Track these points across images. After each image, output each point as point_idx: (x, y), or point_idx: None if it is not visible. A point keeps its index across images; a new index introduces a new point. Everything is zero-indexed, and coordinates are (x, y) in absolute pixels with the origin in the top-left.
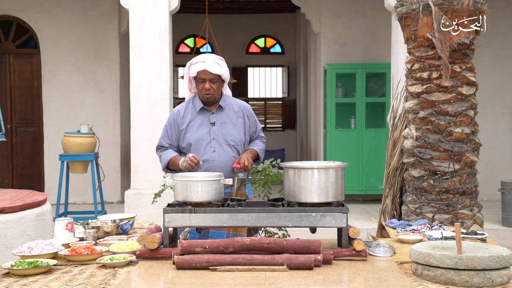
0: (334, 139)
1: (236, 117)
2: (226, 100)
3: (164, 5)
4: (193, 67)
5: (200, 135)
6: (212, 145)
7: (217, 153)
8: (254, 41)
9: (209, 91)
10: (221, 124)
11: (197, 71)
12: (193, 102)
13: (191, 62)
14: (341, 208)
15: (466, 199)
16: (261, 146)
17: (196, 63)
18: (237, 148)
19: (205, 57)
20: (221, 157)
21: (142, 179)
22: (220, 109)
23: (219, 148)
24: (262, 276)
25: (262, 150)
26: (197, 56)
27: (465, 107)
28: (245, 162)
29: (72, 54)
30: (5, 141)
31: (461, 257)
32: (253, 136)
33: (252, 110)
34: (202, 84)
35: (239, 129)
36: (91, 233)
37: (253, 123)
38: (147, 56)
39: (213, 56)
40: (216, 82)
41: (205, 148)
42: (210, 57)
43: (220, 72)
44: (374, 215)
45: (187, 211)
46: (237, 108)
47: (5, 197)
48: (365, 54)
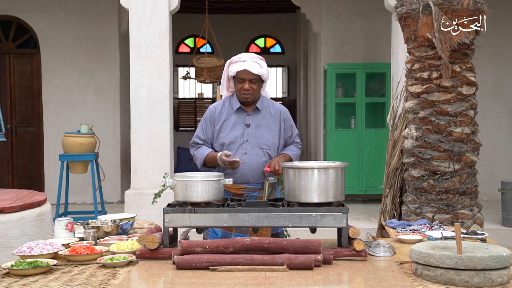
0: (334, 139)
1: (272, 120)
2: (263, 102)
3: (164, 5)
4: (233, 66)
5: (234, 136)
6: (244, 147)
7: (248, 156)
8: (254, 41)
9: (249, 91)
10: (256, 127)
11: (237, 70)
12: (230, 101)
13: (230, 61)
14: (341, 208)
15: (466, 199)
16: (295, 152)
17: (236, 62)
18: (269, 152)
19: (246, 56)
20: (252, 160)
21: (142, 179)
22: (257, 110)
23: (251, 150)
24: (262, 276)
25: (296, 156)
26: (237, 55)
27: (465, 107)
28: (276, 166)
29: (72, 54)
30: (5, 141)
31: (461, 257)
32: (288, 141)
33: (289, 114)
34: (242, 84)
35: (274, 133)
36: (91, 233)
37: (289, 127)
38: (147, 56)
39: (253, 55)
40: (255, 82)
41: (237, 149)
42: (250, 56)
43: (260, 73)
44: (374, 215)
45: (187, 211)
46: (274, 111)
47: (5, 197)
48: (365, 54)
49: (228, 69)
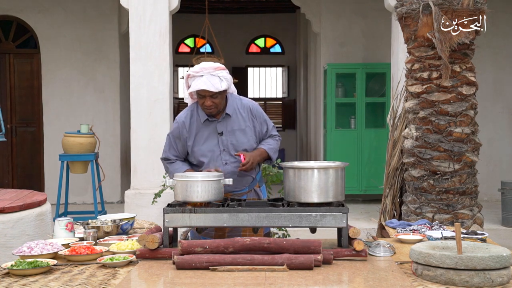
0: (334, 139)
1: (244, 121)
2: (232, 104)
3: (164, 5)
4: (191, 82)
5: (209, 148)
6: (223, 157)
7: (230, 165)
8: (254, 41)
9: (211, 106)
10: (229, 133)
11: (194, 90)
12: (197, 111)
13: (188, 75)
14: (341, 208)
15: (466, 199)
16: (272, 145)
17: (194, 77)
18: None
19: (203, 70)
20: (234, 170)
21: (142, 179)
22: (227, 116)
23: (231, 159)
24: (262, 276)
25: (273, 150)
26: (194, 67)
27: (465, 107)
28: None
29: (72, 54)
30: (5, 141)
31: (461, 257)
32: (265, 137)
33: (260, 108)
34: (202, 99)
35: (249, 135)
36: (91, 233)
37: (262, 123)
38: (147, 56)
39: (211, 67)
40: (217, 96)
41: (215, 161)
42: (208, 69)
43: (220, 89)
44: (374, 215)
45: (187, 211)
46: (244, 110)
47: (5, 197)
48: (365, 54)
49: (188, 82)
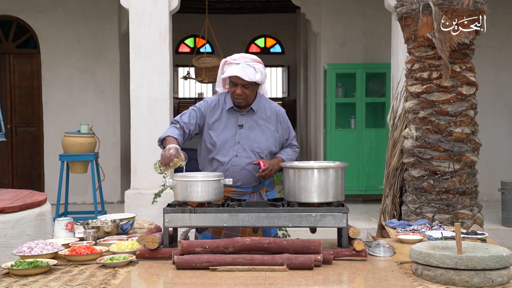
0: (334, 139)
1: (267, 122)
2: (259, 102)
3: (164, 5)
4: (227, 68)
5: (225, 137)
6: (235, 149)
7: (239, 159)
8: (254, 41)
9: (241, 96)
10: (249, 128)
11: (229, 75)
12: (224, 99)
13: (225, 61)
14: (341, 208)
15: (466, 199)
16: (291, 155)
17: (230, 64)
18: (261, 155)
19: (241, 59)
20: (242, 163)
21: (142, 179)
22: (251, 111)
23: (242, 153)
24: (262, 276)
25: (291, 160)
26: (233, 55)
27: (465, 107)
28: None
29: (72, 54)
30: (5, 141)
31: (461, 257)
32: (285, 144)
33: (286, 116)
34: (234, 88)
35: (268, 136)
36: (91, 233)
37: (285, 130)
38: (147, 56)
39: (249, 57)
40: (249, 87)
41: (228, 150)
42: (245, 59)
43: (253, 79)
44: (374, 215)
45: (187, 211)
46: (270, 112)
47: (5, 197)
48: (365, 54)
49: (223, 68)
